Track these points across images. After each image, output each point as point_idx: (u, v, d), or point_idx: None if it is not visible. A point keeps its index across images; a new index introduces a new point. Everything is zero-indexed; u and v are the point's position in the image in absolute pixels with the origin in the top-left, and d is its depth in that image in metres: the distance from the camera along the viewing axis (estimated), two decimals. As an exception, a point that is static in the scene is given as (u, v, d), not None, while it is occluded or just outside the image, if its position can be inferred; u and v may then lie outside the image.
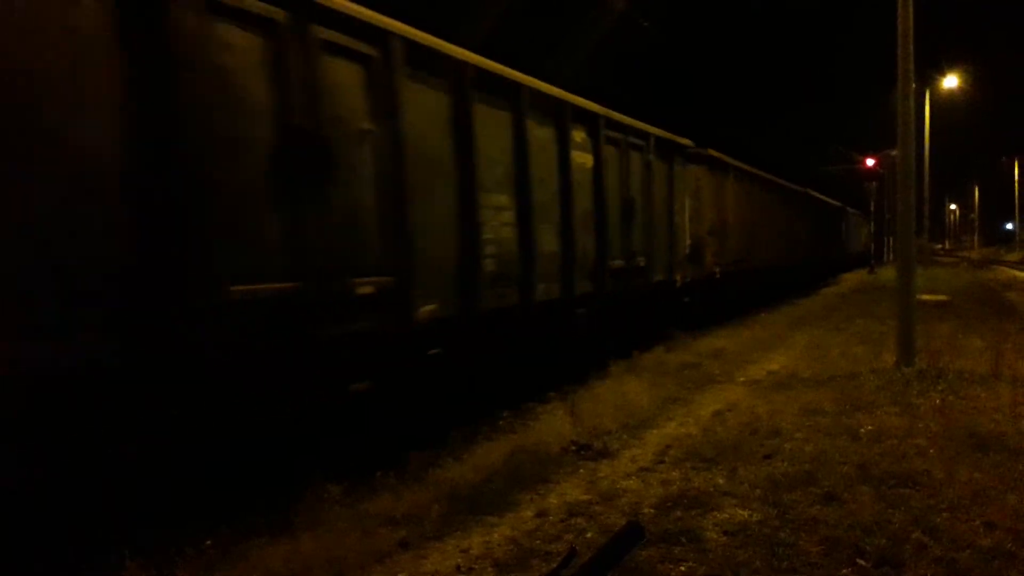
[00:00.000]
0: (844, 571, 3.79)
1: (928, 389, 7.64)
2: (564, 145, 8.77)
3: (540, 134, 8.26)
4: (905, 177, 9.68)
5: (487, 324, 7.28)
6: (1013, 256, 56.26)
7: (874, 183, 47.22)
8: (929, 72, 30.38)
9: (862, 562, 3.85)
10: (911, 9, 9.44)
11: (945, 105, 37.66)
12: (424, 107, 6.37)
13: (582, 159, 9.26)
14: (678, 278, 12.66)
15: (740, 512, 4.55)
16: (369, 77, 5.74)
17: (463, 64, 6.91)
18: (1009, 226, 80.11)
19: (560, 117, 8.72)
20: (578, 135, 9.14)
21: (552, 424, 6.77)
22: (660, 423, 7.05)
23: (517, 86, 7.83)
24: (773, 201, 21.74)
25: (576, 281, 8.90)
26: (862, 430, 6.19)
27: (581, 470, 5.65)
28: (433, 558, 4.16)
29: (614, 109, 10.11)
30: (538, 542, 4.27)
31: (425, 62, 6.38)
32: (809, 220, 28.02)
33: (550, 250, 8.38)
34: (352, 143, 5.58)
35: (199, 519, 4.50)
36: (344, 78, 5.51)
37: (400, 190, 5.99)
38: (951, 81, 33.40)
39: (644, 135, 11.25)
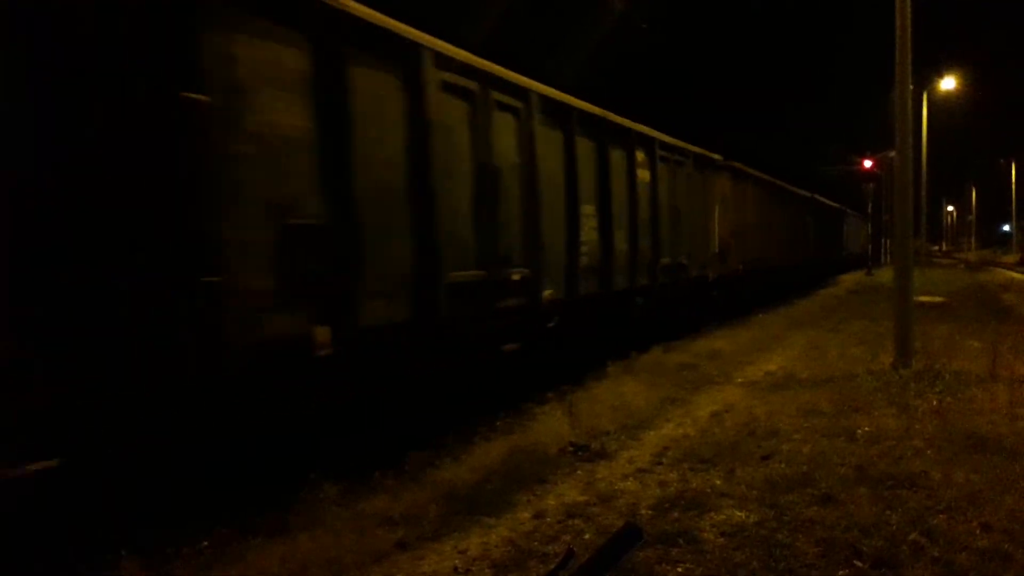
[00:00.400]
0: (841, 572, 3.80)
1: (925, 390, 7.65)
2: (631, 165, 10.82)
3: (615, 156, 10.34)
4: (902, 179, 9.69)
5: (581, 306, 9.28)
6: (1010, 258, 56.15)
7: (872, 184, 47.23)
8: (927, 73, 30.36)
9: (859, 563, 3.86)
10: (909, 9, 9.45)
11: (943, 106, 37.69)
12: (547, 142, 8.48)
13: (642, 175, 11.26)
14: (710, 274, 14.43)
15: (738, 513, 4.55)
16: (517, 123, 7.93)
17: (571, 108, 9.09)
18: (1006, 228, 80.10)
19: (628, 142, 10.75)
20: (640, 155, 11.17)
21: (550, 425, 6.77)
22: (658, 424, 7.05)
23: (602, 120, 9.96)
24: (783, 205, 22.88)
25: (637, 275, 10.94)
26: (859, 431, 6.20)
27: (579, 471, 5.65)
28: (431, 559, 4.16)
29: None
30: (536, 543, 4.27)
31: (549, 109, 8.49)
32: (813, 223, 28.48)
33: (621, 249, 10.33)
34: (509, 173, 7.70)
35: (197, 519, 4.50)
36: (504, 125, 7.67)
37: (535, 206, 8.13)
38: (949, 82, 33.34)
39: (686, 153, 13.35)
